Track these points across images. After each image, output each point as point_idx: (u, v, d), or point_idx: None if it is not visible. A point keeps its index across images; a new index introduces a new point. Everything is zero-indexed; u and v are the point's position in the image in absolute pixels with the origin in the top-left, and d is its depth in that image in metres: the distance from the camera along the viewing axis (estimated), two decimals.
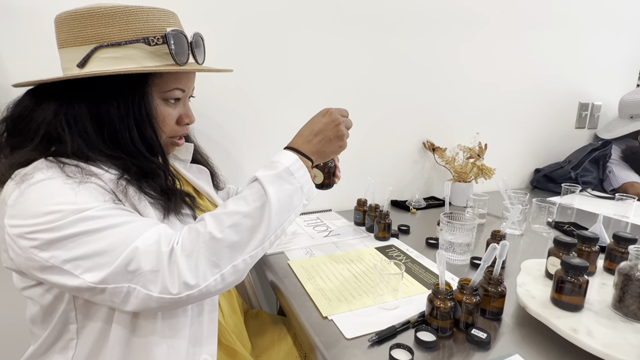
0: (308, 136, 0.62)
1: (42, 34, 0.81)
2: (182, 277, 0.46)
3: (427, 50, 1.31)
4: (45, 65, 0.74)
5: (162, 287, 0.46)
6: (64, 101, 0.54)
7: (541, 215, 1.11)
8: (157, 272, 0.46)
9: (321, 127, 0.62)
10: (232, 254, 0.50)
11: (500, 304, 0.66)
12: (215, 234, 0.49)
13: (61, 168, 0.49)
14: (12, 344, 0.90)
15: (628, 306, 0.59)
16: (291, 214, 0.55)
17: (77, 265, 0.45)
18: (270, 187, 0.53)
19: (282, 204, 0.53)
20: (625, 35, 1.80)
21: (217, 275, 0.49)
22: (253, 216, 0.52)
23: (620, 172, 1.58)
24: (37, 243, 0.45)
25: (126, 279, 0.46)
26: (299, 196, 0.56)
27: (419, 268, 0.85)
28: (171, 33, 0.56)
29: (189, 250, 0.48)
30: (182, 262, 0.47)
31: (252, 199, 0.53)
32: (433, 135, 1.40)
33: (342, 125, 0.63)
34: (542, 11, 1.51)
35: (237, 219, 0.51)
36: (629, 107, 1.67)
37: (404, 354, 0.56)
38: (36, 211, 0.46)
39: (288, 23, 1.07)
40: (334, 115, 0.63)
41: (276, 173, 0.55)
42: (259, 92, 1.09)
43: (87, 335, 0.54)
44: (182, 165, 0.75)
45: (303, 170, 0.57)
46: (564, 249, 0.71)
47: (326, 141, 0.62)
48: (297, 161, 0.57)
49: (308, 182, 0.58)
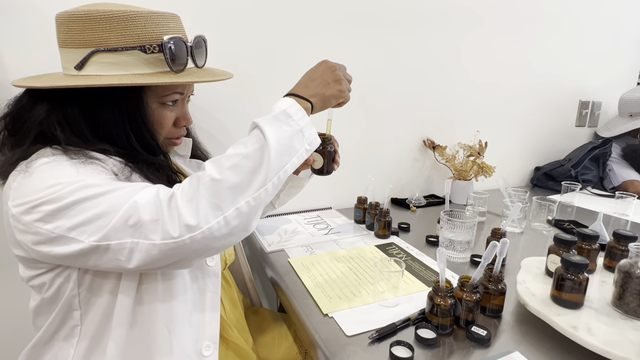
0: (305, 82, 0.62)
1: (41, 31, 0.81)
2: (182, 219, 0.46)
3: (427, 48, 1.31)
4: (47, 61, 0.73)
5: (164, 233, 0.46)
6: (57, 103, 0.54)
7: (541, 213, 1.11)
8: (157, 221, 0.46)
9: (318, 73, 0.63)
10: (234, 195, 0.49)
11: (500, 301, 0.66)
12: (214, 175, 0.48)
13: (65, 152, 0.50)
14: (14, 336, 0.90)
15: (628, 304, 0.59)
16: (293, 157, 0.54)
17: (82, 231, 0.46)
18: (267, 127, 0.52)
19: (282, 145, 0.52)
20: (625, 33, 1.80)
21: (220, 218, 0.47)
22: (252, 157, 0.50)
23: (620, 170, 1.58)
24: (40, 215, 0.46)
25: (128, 234, 0.46)
26: (299, 139, 0.55)
27: (419, 266, 0.85)
28: (168, 41, 0.55)
29: (189, 195, 0.47)
30: (182, 205, 0.47)
31: (250, 141, 0.52)
32: (433, 133, 1.40)
33: (339, 71, 0.64)
34: (542, 9, 1.50)
35: (237, 160, 0.50)
36: (628, 106, 1.66)
37: (405, 351, 0.56)
38: (38, 186, 0.46)
39: (289, 21, 1.07)
40: (330, 62, 0.64)
41: (273, 115, 0.54)
42: (260, 88, 1.09)
43: (91, 321, 0.54)
44: (181, 161, 0.75)
45: (302, 113, 0.56)
46: (564, 246, 0.71)
47: (324, 84, 0.62)
48: (294, 104, 0.56)
49: (308, 125, 0.57)
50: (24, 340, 0.59)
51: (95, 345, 0.54)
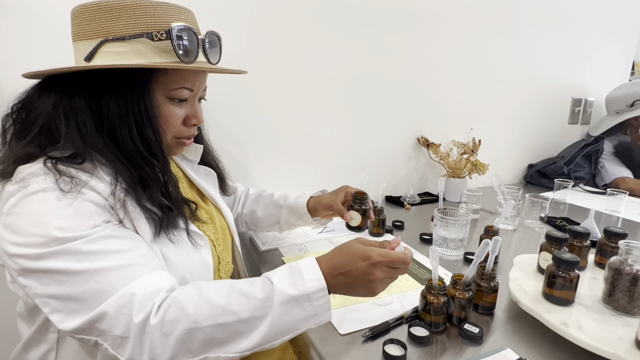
0: (336, 268, 0.53)
1: (30, 29, 0.80)
2: (153, 352, 0.45)
3: (422, 47, 1.30)
4: (49, 60, 0.72)
5: (130, 356, 0.45)
6: (64, 94, 0.53)
7: (534, 211, 1.12)
8: (127, 339, 0.45)
9: (353, 268, 0.52)
10: (210, 347, 0.47)
11: (492, 298, 0.66)
12: (201, 324, 0.46)
13: (56, 180, 0.48)
14: (3, 340, 0.89)
15: (618, 300, 0.60)
16: (289, 335, 0.50)
17: (46, 303, 0.45)
18: (279, 307, 0.48)
19: (285, 325, 0.48)
20: (618, 30, 1.81)
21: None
22: (247, 323, 0.48)
23: (612, 168, 1.60)
24: (17, 267, 0.45)
25: (94, 334, 0.45)
26: (307, 322, 0.50)
27: (413, 264, 0.85)
28: (175, 28, 0.53)
29: (168, 329, 0.45)
30: (156, 338, 0.45)
31: (255, 305, 0.48)
32: (427, 131, 1.41)
33: (382, 282, 0.54)
34: (535, 7, 1.51)
35: (231, 319, 0.47)
36: (614, 104, 1.69)
37: (398, 349, 0.56)
38: (23, 229, 0.45)
39: (289, 22, 1.07)
40: (373, 258, 0.52)
41: (293, 296, 0.49)
42: (267, 95, 1.09)
43: (68, 349, 0.53)
44: (189, 166, 0.73)
45: (325, 299, 0.50)
46: (555, 244, 0.72)
47: (349, 286, 0.53)
48: (323, 290, 0.50)
49: (326, 311, 0.51)
50: (12, 345, 0.58)
51: None
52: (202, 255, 0.61)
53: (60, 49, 0.80)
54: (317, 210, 0.86)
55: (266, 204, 0.91)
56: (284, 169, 1.18)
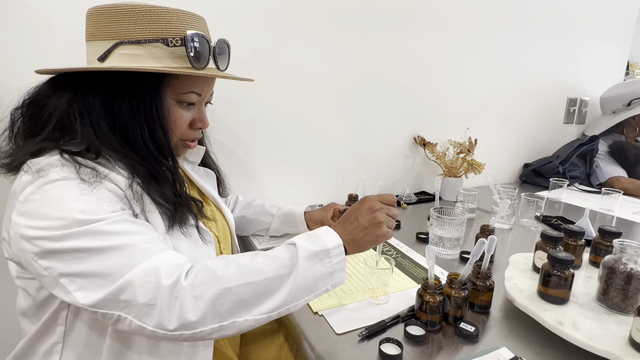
0: (344, 222, 0.60)
1: (37, 29, 0.79)
2: (183, 315, 0.45)
3: (417, 46, 1.31)
4: (49, 60, 0.72)
5: (158, 322, 0.45)
6: (79, 92, 0.54)
7: (529, 210, 1.12)
8: (154, 306, 0.45)
9: (357, 213, 0.59)
10: (238, 309, 0.48)
11: (488, 297, 0.66)
12: (232, 284, 0.48)
13: (76, 170, 0.49)
14: (1, 337, 0.89)
15: (612, 298, 0.61)
16: (310, 295, 0.52)
17: (71, 280, 0.45)
18: (303, 262, 0.51)
19: (307, 282, 0.51)
20: (613, 30, 1.83)
21: (216, 325, 0.47)
22: (274, 281, 0.50)
23: (606, 167, 1.61)
24: (37, 250, 0.45)
25: (118, 307, 0.45)
26: (325, 280, 0.53)
27: (409, 263, 0.85)
28: (190, 36, 0.55)
29: (199, 291, 0.46)
30: (188, 301, 0.45)
31: (281, 263, 0.51)
32: (424, 131, 1.41)
33: (380, 212, 0.59)
34: (531, 7, 1.52)
35: (259, 278, 0.49)
36: (610, 103, 1.70)
37: (394, 348, 0.56)
38: (44, 213, 0.45)
39: (288, 22, 1.06)
40: (371, 201, 0.60)
41: (315, 251, 0.53)
42: (267, 95, 1.09)
43: (74, 342, 0.53)
44: (190, 167, 0.75)
45: (342, 257, 0.55)
46: (550, 243, 0.72)
47: (362, 229, 0.58)
48: (340, 246, 0.55)
49: (341, 270, 0.55)
50: (12, 342, 0.58)
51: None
52: (210, 252, 0.62)
53: (60, 48, 0.80)
54: (309, 224, 0.91)
55: (257, 211, 0.96)
56: (284, 169, 1.18)
